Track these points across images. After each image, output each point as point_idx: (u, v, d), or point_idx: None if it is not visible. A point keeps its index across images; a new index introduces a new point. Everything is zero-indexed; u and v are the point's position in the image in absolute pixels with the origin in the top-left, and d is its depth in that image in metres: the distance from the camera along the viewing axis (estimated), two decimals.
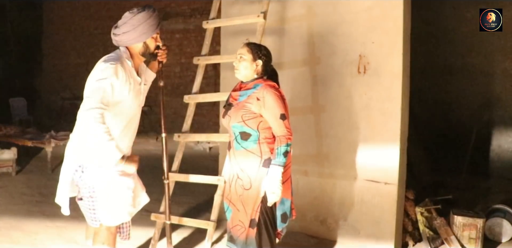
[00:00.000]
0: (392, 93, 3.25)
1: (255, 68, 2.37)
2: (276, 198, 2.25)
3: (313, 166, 3.67)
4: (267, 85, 2.32)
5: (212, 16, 3.60)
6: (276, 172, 2.23)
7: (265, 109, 2.27)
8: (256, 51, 2.39)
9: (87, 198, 2.31)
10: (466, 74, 6.44)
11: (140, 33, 2.32)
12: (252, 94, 2.31)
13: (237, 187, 2.36)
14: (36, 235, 3.53)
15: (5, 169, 5.77)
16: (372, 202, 3.37)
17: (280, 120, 2.26)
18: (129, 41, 2.34)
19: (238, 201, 2.36)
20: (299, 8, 3.65)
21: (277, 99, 2.29)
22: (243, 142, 2.33)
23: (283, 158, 2.23)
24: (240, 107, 2.33)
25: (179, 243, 3.56)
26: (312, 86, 3.63)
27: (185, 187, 3.87)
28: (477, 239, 3.37)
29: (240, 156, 2.35)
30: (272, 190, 2.23)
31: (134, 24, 2.30)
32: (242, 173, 2.34)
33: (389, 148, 3.27)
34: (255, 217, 2.30)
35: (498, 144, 6.33)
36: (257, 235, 2.30)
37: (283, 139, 2.24)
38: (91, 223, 2.38)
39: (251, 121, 2.29)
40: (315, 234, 3.67)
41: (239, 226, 2.35)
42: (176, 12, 9.31)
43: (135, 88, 2.36)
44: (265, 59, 2.40)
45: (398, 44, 3.22)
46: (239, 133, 2.34)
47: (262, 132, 2.31)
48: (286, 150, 2.24)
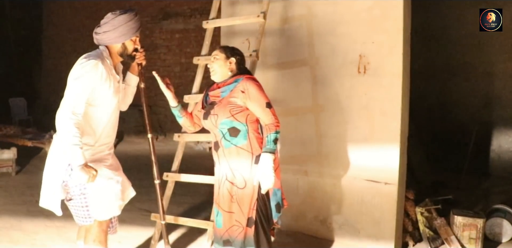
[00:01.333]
0: (392, 93, 3.25)
1: (229, 66, 2.42)
2: (270, 185, 2.26)
3: (313, 166, 3.67)
4: (247, 78, 2.37)
5: (212, 16, 3.59)
6: (268, 158, 2.25)
7: (250, 100, 2.30)
8: (229, 50, 2.47)
9: (79, 195, 2.34)
10: (466, 74, 6.44)
11: (120, 34, 2.41)
12: (235, 88, 2.34)
13: (227, 189, 2.36)
14: (36, 235, 3.53)
15: (5, 169, 5.77)
16: (372, 202, 3.37)
17: (267, 109, 2.30)
18: (109, 41, 2.42)
19: (230, 203, 2.34)
20: (299, 8, 3.65)
21: (260, 89, 2.35)
22: (233, 139, 2.32)
23: (274, 145, 2.27)
24: (226, 103, 2.33)
25: (179, 243, 3.56)
26: (312, 86, 3.63)
27: (185, 187, 3.87)
28: (477, 239, 3.37)
29: (230, 154, 2.34)
30: (265, 176, 2.24)
31: (115, 25, 2.40)
32: (233, 173, 2.33)
33: (389, 148, 3.27)
34: (252, 215, 2.30)
35: (498, 144, 6.33)
36: (255, 234, 2.30)
37: (272, 127, 2.28)
38: (83, 221, 2.40)
39: (239, 115, 2.32)
40: (315, 234, 3.67)
41: (237, 227, 2.33)
42: (176, 12, 9.31)
43: (115, 86, 2.43)
44: (238, 58, 2.46)
45: (398, 44, 3.21)
46: (228, 129, 2.33)
47: (250, 125, 2.34)
48: (276, 136, 2.28)
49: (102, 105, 2.38)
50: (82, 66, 2.27)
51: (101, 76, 2.31)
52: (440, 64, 6.55)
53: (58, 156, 2.34)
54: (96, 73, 2.28)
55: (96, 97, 2.33)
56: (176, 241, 3.59)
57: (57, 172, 2.33)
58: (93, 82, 2.28)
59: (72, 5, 10.48)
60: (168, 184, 3.39)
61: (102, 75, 2.31)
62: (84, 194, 2.33)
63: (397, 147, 3.24)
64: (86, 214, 2.37)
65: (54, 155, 2.37)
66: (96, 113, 2.37)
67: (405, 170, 3.42)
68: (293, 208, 3.76)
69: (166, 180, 3.44)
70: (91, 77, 2.27)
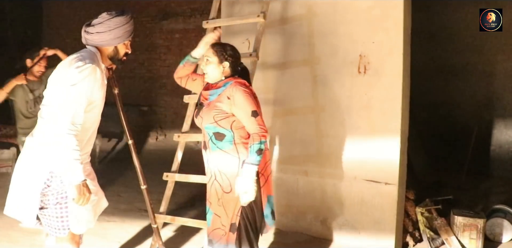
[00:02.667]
0: (392, 93, 3.25)
1: (222, 71, 2.32)
2: (249, 198, 2.18)
3: (313, 166, 3.66)
4: (236, 83, 2.26)
5: (212, 16, 3.59)
6: (249, 171, 2.16)
7: (236, 107, 2.22)
8: (221, 53, 2.33)
9: (54, 205, 2.17)
10: (466, 74, 6.43)
11: (114, 37, 2.25)
12: (222, 93, 2.26)
13: (215, 189, 2.32)
14: (36, 235, 3.52)
15: (5, 169, 5.78)
16: (373, 202, 3.36)
17: (252, 117, 2.20)
18: (101, 42, 2.26)
19: (217, 204, 2.31)
20: (299, 8, 3.65)
21: (247, 97, 2.22)
22: (218, 142, 2.28)
23: (257, 156, 2.16)
24: (212, 107, 2.27)
25: (179, 243, 3.56)
26: (312, 86, 3.62)
27: (185, 187, 3.87)
28: (477, 239, 3.36)
29: (216, 157, 2.30)
30: (244, 189, 2.16)
31: (110, 26, 2.24)
32: (220, 175, 2.29)
33: (390, 148, 3.26)
34: (235, 221, 2.25)
35: (499, 144, 6.32)
36: (237, 240, 2.24)
37: (256, 137, 2.18)
38: (56, 232, 2.22)
39: (223, 122, 2.24)
40: (315, 234, 3.66)
41: (220, 230, 2.29)
42: (176, 12, 9.30)
43: (104, 91, 2.31)
44: (232, 60, 2.34)
45: (398, 44, 3.21)
46: (213, 133, 2.29)
47: (236, 132, 2.26)
48: (259, 147, 2.17)
49: (94, 113, 2.24)
50: (79, 70, 2.08)
51: (98, 83, 2.16)
52: (440, 64, 6.54)
53: (36, 162, 2.15)
54: (95, 79, 2.13)
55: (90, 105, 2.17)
56: (176, 241, 3.59)
57: (35, 180, 2.14)
58: (91, 89, 2.12)
59: (72, 5, 10.47)
60: (168, 184, 3.39)
61: (98, 81, 2.17)
62: (60, 204, 2.17)
63: (397, 147, 3.23)
64: (61, 225, 2.20)
65: (30, 160, 2.18)
66: (86, 121, 2.19)
67: (405, 170, 3.42)
68: (293, 208, 3.76)
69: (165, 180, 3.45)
70: (90, 83, 2.11)
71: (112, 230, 3.80)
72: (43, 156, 2.13)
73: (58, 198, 2.17)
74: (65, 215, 2.19)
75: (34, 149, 2.19)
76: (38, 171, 2.14)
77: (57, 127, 2.05)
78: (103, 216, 3.99)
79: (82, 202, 2.11)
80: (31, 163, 2.18)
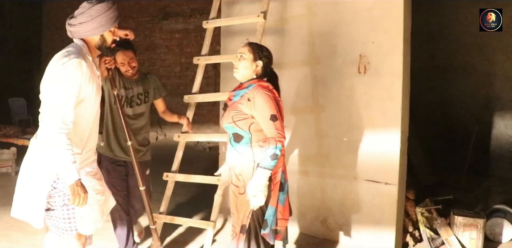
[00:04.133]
0: (392, 93, 3.25)
1: (254, 69, 2.31)
2: (259, 202, 2.15)
3: (313, 166, 3.66)
4: (259, 86, 2.25)
5: (212, 16, 3.59)
6: (261, 174, 2.13)
7: (255, 110, 2.21)
8: (257, 51, 2.33)
9: (61, 207, 2.14)
10: (466, 74, 6.43)
11: (98, 25, 2.16)
12: (244, 94, 2.26)
13: (232, 190, 2.33)
14: (36, 235, 3.52)
15: (5, 169, 5.77)
16: (373, 202, 3.36)
17: (270, 121, 2.18)
18: (86, 33, 2.18)
19: (233, 206, 2.33)
20: (299, 8, 3.65)
21: (268, 100, 2.21)
22: (236, 144, 2.29)
23: (271, 161, 2.13)
24: (233, 108, 2.29)
25: (179, 243, 3.56)
26: (312, 86, 3.62)
27: (184, 187, 3.87)
28: (477, 239, 3.36)
29: (234, 157, 2.31)
30: (254, 193, 2.14)
31: (92, 15, 2.15)
32: (236, 177, 2.30)
33: (390, 148, 3.26)
34: (245, 222, 2.24)
35: (499, 144, 6.32)
36: (246, 241, 2.24)
37: (273, 141, 2.15)
38: (63, 233, 2.19)
39: (241, 123, 2.24)
40: (315, 234, 3.66)
41: (232, 230, 2.33)
42: (176, 12, 9.31)
43: (97, 84, 2.23)
44: (266, 61, 2.34)
45: (398, 44, 3.21)
46: (232, 134, 2.30)
47: (254, 134, 2.24)
48: (274, 152, 2.13)
49: (87, 108, 2.17)
50: (64, 67, 2.03)
51: (85, 76, 2.09)
52: (440, 64, 6.55)
53: (41, 164, 2.12)
54: (81, 74, 2.06)
55: (81, 100, 2.11)
56: (176, 241, 3.59)
57: (41, 182, 2.11)
58: (79, 84, 2.06)
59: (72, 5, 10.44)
60: (168, 184, 3.40)
61: (86, 75, 2.10)
62: (67, 205, 2.14)
63: (397, 147, 3.23)
64: (68, 226, 2.17)
65: (35, 162, 2.15)
66: (82, 117, 2.15)
67: (405, 170, 3.42)
68: (293, 208, 3.76)
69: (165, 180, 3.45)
70: (77, 78, 2.04)
71: (112, 230, 3.79)
72: (48, 157, 2.10)
73: (65, 200, 2.14)
74: (72, 216, 2.16)
75: (38, 150, 2.16)
76: (44, 173, 2.12)
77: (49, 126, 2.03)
78: None
79: (77, 203, 2.05)
80: (36, 164, 2.15)
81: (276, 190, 2.26)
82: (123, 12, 9.71)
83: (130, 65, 3.01)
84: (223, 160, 3.86)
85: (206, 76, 4.69)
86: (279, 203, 2.29)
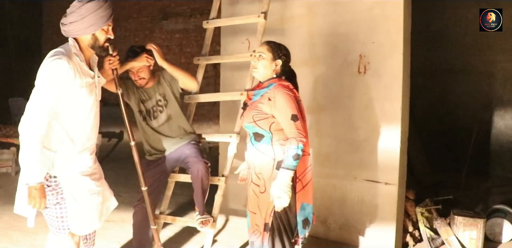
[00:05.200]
0: (392, 93, 3.25)
1: (274, 68, 2.31)
2: (283, 203, 2.15)
3: (313, 166, 3.64)
4: (279, 85, 2.25)
5: (212, 16, 3.59)
6: (284, 175, 2.13)
7: (276, 109, 2.21)
8: (276, 50, 2.33)
9: (54, 205, 2.14)
10: (466, 74, 6.44)
11: (88, 24, 2.11)
12: (264, 94, 2.27)
13: (253, 190, 2.32)
14: (36, 235, 3.52)
15: (4, 169, 5.77)
16: (373, 202, 3.37)
17: (291, 121, 2.17)
18: (77, 32, 2.13)
19: (254, 205, 2.32)
20: (299, 8, 3.65)
21: (289, 99, 2.20)
22: (256, 143, 2.29)
23: (293, 161, 2.13)
24: (253, 107, 2.29)
25: (179, 243, 3.56)
26: (312, 86, 3.62)
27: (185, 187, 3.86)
28: (477, 239, 3.36)
29: (254, 156, 2.31)
30: (278, 194, 2.14)
31: (82, 14, 2.10)
32: (256, 176, 2.30)
33: (390, 148, 3.27)
34: (268, 221, 2.25)
35: (499, 144, 6.33)
36: (270, 240, 2.25)
37: (294, 141, 2.14)
38: (57, 232, 2.18)
39: (262, 122, 2.24)
40: (315, 234, 3.66)
41: (256, 230, 2.31)
42: (176, 12, 9.31)
43: (88, 83, 2.17)
44: (285, 60, 2.34)
45: (398, 44, 3.21)
46: (253, 133, 2.30)
47: (275, 134, 2.24)
48: (296, 152, 2.12)
49: (76, 108, 2.14)
50: (46, 68, 2.02)
51: (68, 77, 2.04)
52: (440, 64, 6.55)
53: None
54: (61, 75, 2.02)
55: (66, 101, 2.08)
56: (176, 241, 3.59)
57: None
58: (58, 86, 2.02)
59: None
60: (168, 184, 3.39)
61: (68, 75, 2.04)
62: (59, 204, 2.14)
63: (397, 147, 3.24)
64: (61, 225, 2.16)
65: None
66: (70, 117, 2.13)
67: (405, 170, 3.42)
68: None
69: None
70: (56, 79, 2.01)
71: (112, 230, 3.80)
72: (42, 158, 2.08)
73: (58, 198, 2.14)
74: (65, 215, 2.16)
75: None
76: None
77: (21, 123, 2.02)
78: None
79: (33, 205, 2.03)
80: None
81: (309, 188, 2.30)
82: (123, 12, 9.72)
83: (138, 76, 2.89)
84: (223, 160, 3.86)
85: (206, 76, 4.68)
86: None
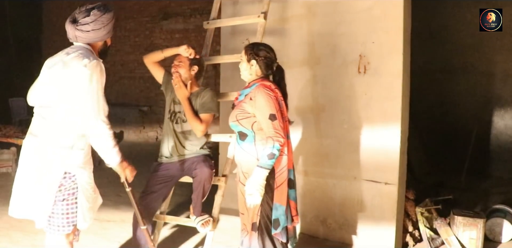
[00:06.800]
0: (392, 93, 3.25)
1: (250, 69, 2.39)
2: (254, 201, 2.18)
3: (313, 166, 3.66)
4: (261, 85, 2.32)
5: (212, 16, 3.58)
6: (258, 174, 2.16)
7: (256, 109, 2.27)
8: (249, 52, 2.39)
9: (61, 202, 2.18)
10: (466, 74, 6.44)
11: (107, 32, 2.31)
12: (248, 94, 2.35)
13: (240, 190, 2.38)
14: (36, 235, 3.52)
15: (5, 169, 5.77)
16: (372, 202, 3.37)
17: (269, 120, 2.23)
18: (96, 38, 2.29)
19: (242, 205, 2.36)
20: (299, 8, 3.65)
21: (268, 99, 2.25)
22: (241, 142, 2.36)
23: (268, 160, 2.16)
24: (237, 107, 2.37)
25: (179, 243, 3.56)
26: (312, 86, 3.63)
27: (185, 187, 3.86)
28: (477, 239, 3.36)
29: (240, 155, 2.38)
30: (249, 191, 2.17)
31: (103, 22, 2.27)
32: (242, 175, 2.35)
33: (389, 148, 3.27)
34: (256, 220, 2.29)
35: (499, 144, 6.32)
36: (259, 239, 2.28)
37: (270, 140, 2.19)
38: (59, 229, 2.21)
39: (245, 121, 2.31)
40: (315, 234, 3.66)
41: (244, 229, 2.36)
42: (176, 12, 9.31)
43: None
44: (262, 59, 2.38)
45: (398, 44, 3.21)
46: (238, 132, 2.37)
47: (257, 133, 2.30)
48: (271, 151, 2.16)
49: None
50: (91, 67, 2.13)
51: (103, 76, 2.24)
52: (440, 64, 6.55)
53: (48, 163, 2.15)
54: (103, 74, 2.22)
55: None
56: (176, 241, 3.59)
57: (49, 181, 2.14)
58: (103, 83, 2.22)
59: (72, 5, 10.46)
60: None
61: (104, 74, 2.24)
62: (66, 200, 2.18)
63: (397, 147, 3.24)
64: (65, 221, 2.20)
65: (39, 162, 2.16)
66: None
67: (405, 170, 3.42)
68: None
69: None
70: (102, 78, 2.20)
71: (112, 230, 3.80)
72: (56, 157, 2.14)
73: (65, 195, 2.18)
74: (70, 211, 2.21)
75: (40, 150, 2.17)
76: (51, 173, 2.15)
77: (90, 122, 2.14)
78: (103, 216, 4.01)
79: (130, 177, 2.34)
80: (42, 164, 2.16)
81: (283, 189, 2.27)
82: (123, 12, 9.72)
83: (176, 66, 2.96)
84: (223, 160, 3.86)
85: (206, 76, 4.69)
86: (292, 200, 2.34)
